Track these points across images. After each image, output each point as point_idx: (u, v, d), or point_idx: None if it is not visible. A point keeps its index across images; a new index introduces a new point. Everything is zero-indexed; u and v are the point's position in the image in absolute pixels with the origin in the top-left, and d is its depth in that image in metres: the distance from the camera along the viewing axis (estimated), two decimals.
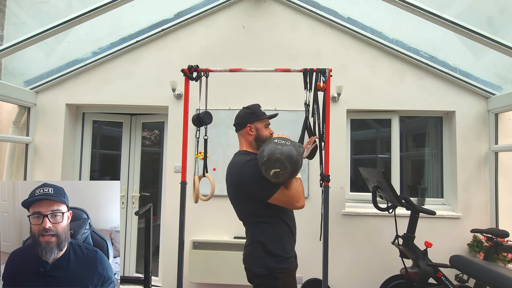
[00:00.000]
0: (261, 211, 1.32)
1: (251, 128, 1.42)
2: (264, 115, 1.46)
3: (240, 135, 1.48)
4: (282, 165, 1.20)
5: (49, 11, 2.52)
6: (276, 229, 1.33)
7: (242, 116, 1.46)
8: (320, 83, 1.68)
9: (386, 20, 2.54)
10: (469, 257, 1.80)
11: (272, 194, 1.27)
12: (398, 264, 2.18)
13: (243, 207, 1.39)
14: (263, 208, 1.32)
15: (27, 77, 2.66)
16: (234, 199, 1.42)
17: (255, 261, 1.32)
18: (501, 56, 2.03)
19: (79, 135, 2.88)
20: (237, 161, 1.38)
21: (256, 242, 1.33)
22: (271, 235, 1.32)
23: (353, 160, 2.73)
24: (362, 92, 2.57)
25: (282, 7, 2.66)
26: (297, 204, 1.29)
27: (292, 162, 1.22)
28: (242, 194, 1.35)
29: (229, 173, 1.41)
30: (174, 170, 2.60)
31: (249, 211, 1.36)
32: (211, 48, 2.65)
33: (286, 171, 1.21)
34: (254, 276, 1.35)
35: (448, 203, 2.62)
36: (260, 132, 1.43)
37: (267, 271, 1.28)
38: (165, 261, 2.57)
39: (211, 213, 2.55)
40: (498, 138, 2.46)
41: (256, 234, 1.34)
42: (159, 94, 2.65)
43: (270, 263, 1.29)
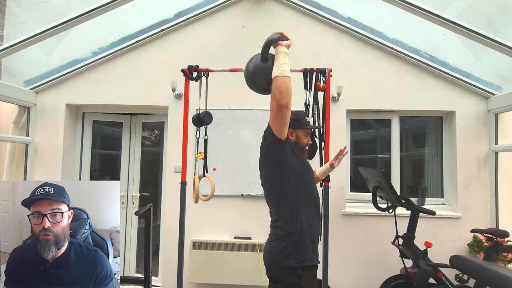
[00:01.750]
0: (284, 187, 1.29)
1: (292, 133, 1.42)
2: (308, 125, 1.46)
3: None
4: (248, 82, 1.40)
5: (49, 11, 2.52)
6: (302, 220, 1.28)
7: None
8: (320, 83, 1.68)
9: (386, 20, 2.54)
10: (469, 257, 1.80)
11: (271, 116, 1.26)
12: (398, 264, 2.18)
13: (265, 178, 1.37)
14: (285, 180, 1.29)
15: (27, 77, 2.66)
16: (260, 169, 1.40)
17: (280, 252, 1.27)
18: (501, 56, 2.03)
19: (79, 135, 2.88)
20: None
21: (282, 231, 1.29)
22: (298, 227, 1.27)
23: (353, 160, 2.73)
24: (362, 92, 2.57)
25: (282, 7, 2.66)
26: (280, 101, 1.20)
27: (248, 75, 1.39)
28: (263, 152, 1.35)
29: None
30: (174, 170, 2.60)
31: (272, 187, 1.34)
32: (211, 48, 2.65)
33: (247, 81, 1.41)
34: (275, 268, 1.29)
35: (448, 203, 2.62)
36: (299, 140, 1.43)
37: (294, 263, 1.24)
38: (165, 261, 2.57)
39: (211, 213, 2.55)
40: (498, 138, 2.46)
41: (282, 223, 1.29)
42: (159, 94, 2.65)
43: (296, 255, 1.25)
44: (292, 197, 1.29)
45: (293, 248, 1.26)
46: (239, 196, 2.55)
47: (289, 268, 1.24)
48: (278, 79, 1.23)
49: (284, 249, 1.26)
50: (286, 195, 1.30)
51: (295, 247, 1.26)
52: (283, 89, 1.21)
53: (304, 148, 1.45)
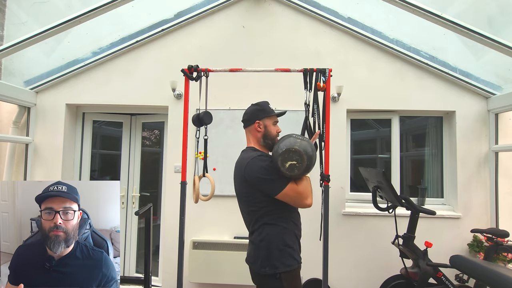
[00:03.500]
0: (268, 209, 1.31)
1: (260, 124, 1.43)
2: (273, 112, 1.48)
3: (248, 132, 1.49)
4: (299, 157, 1.23)
5: (49, 11, 2.52)
6: (280, 229, 1.32)
7: (251, 112, 1.47)
8: (320, 83, 1.68)
9: (386, 20, 2.54)
10: (469, 257, 1.80)
11: (282, 189, 1.25)
12: (398, 264, 2.18)
13: (249, 203, 1.36)
14: (269, 206, 1.31)
15: (27, 77, 2.66)
16: (241, 195, 1.41)
17: (258, 261, 1.32)
18: (501, 56, 2.03)
19: (79, 135, 2.88)
20: (246, 157, 1.37)
21: (260, 241, 1.32)
22: (275, 235, 1.31)
23: (353, 160, 2.73)
24: (362, 92, 2.57)
25: (282, 7, 2.66)
26: (305, 201, 1.28)
27: (309, 157, 1.24)
28: (251, 188, 1.33)
29: (237, 169, 1.40)
30: (174, 170, 2.60)
31: (255, 208, 1.34)
32: (211, 48, 2.65)
33: (302, 164, 1.23)
34: (257, 276, 1.35)
35: (448, 203, 2.62)
36: (268, 129, 1.44)
37: (270, 270, 1.28)
38: (165, 261, 2.57)
39: (211, 213, 2.55)
40: (498, 138, 2.46)
41: (260, 234, 1.33)
42: (159, 94, 2.64)
43: (274, 263, 1.28)
44: (265, 215, 1.33)
45: (266, 257, 1.30)
46: None
47: (266, 275, 1.29)
48: (308, 178, 1.36)
49: (257, 258, 1.32)
50: (263, 215, 1.33)
51: (267, 256, 1.29)
52: (311, 190, 1.33)
53: (275, 138, 1.45)
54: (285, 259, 1.29)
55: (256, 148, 1.44)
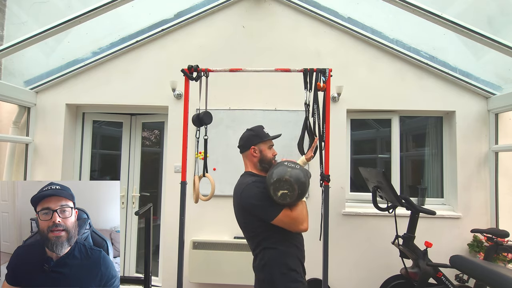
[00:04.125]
0: (266, 234, 1.31)
1: (255, 150, 1.43)
2: (267, 137, 1.47)
3: (245, 157, 1.49)
4: (290, 186, 1.22)
5: (49, 11, 2.52)
6: (282, 252, 1.31)
7: (246, 138, 1.47)
8: (320, 83, 1.68)
9: (386, 20, 2.54)
10: (469, 257, 1.80)
11: (276, 215, 1.26)
12: (398, 264, 2.18)
13: (248, 230, 1.38)
14: (268, 231, 1.31)
15: (27, 77, 2.66)
16: (240, 221, 1.42)
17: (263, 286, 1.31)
18: (501, 56, 2.03)
19: (79, 135, 2.88)
20: (243, 182, 1.39)
21: (262, 267, 1.31)
22: (276, 259, 1.30)
23: (353, 160, 2.73)
24: (362, 92, 2.57)
25: (282, 7, 2.66)
26: (300, 226, 1.29)
27: (300, 185, 1.24)
28: (248, 214, 1.34)
29: (235, 194, 1.42)
30: (174, 170, 2.60)
31: (254, 234, 1.35)
32: (211, 48, 2.65)
33: (294, 193, 1.23)
34: None
35: (448, 203, 2.62)
36: (264, 154, 1.44)
37: None
38: (165, 261, 2.57)
39: (211, 213, 2.55)
40: (498, 138, 2.46)
41: (262, 259, 1.31)
42: (159, 94, 2.65)
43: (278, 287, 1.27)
44: (268, 239, 1.32)
45: (270, 281, 1.29)
46: None
47: None
48: (304, 202, 1.34)
49: (261, 284, 1.32)
50: (263, 239, 1.33)
51: (270, 280, 1.29)
52: (306, 214, 1.32)
53: (271, 161, 1.44)
54: (289, 284, 1.28)
55: (253, 173, 1.45)
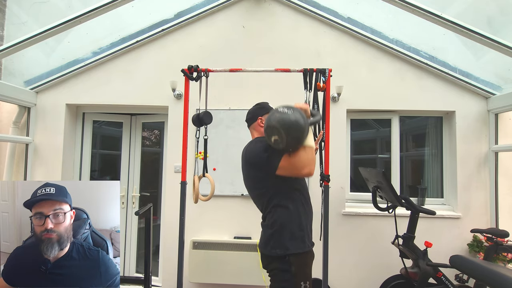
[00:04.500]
0: (274, 189, 1.34)
1: (262, 120, 1.50)
2: (272, 109, 1.51)
3: (252, 128, 1.55)
4: (278, 132, 1.21)
5: (49, 11, 2.52)
6: (292, 211, 1.34)
7: (253, 111, 1.56)
8: (320, 83, 1.68)
9: (386, 20, 2.54)
10: (469, 257, 1.80)
11: (278, 162, 1.27)
12: (398, 264, 2.18)
13: (256, 186, 1.41)
14: (276, 185, 1.34)
15: (27, 77, 2.66)
16: (248, 180, 1.45)
17: (270, 242, 1.33)
18: (501, 56, 2.03)
19: (79, 135, 2.88)
20: (249, 144, 1.48)
21: (272, 224, 1.34)
22: (287, 217, 1.33)
23: (353, 160, 2.73)
24: (362, 92, 2.57)
25: (282, 7, 2.66)
26: (302, 171, 1.26)
27: (286, 129, 1.19)
28: (255, 171, 1.38)
29: (242, 156, 1.47)
30: (174, 170, 2.60)
31: (263, 190, 1.38)
32: (211, 48, 2.65)
33: (282, 138, 1.21)
34: (267, 259, 1.36)
35: (448, 203, 2.62)
36: None
37: (281, 251, 1.29)
38: (165, 261, 2.57)
39: (211, 213, 2.55)
40: (498, 138, 2.46)
41: (272, 217, 1.34)
42: (159, 94, 2.65)
43: (285, 244, 1.30)
44: (277, 196, 1.35)
45: (277, 238, 1.31)
46: (239, 196, 2.55)
47: (275, 257, 1.30)
48: (313, 150, 1.31)
49: (269, 240, 1.34)
50: (272, 196, 1.36)
51: (279, 237, 1.31)
52: (308, 159, 1.27)
53: None
54: (296, 242, 1.31)
55: (260, 137, 1.49)
